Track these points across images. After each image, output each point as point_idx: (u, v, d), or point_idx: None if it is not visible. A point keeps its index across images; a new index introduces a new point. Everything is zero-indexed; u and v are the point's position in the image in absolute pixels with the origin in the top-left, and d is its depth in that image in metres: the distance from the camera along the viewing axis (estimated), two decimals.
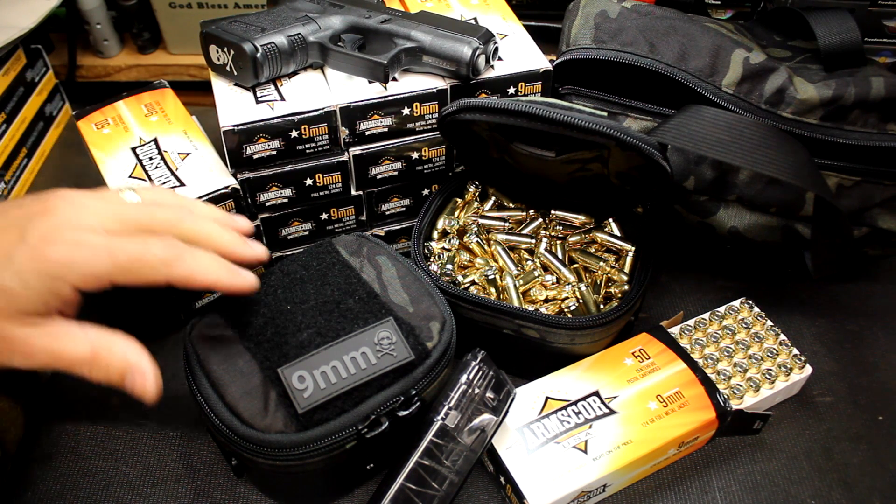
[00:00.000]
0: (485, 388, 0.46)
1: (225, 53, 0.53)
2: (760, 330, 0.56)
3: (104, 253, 0.37)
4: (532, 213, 0.60)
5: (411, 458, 0.44)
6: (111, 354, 0.38)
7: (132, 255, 0.37)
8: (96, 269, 0.37)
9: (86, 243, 0.37)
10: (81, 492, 0.49)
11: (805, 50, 0.61)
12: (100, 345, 0.38)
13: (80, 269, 0.36)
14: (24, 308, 0.36)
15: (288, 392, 0.41)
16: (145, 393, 0.39)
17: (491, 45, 0.54)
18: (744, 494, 0.50)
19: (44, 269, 0.36)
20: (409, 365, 0.43)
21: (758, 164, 0.49)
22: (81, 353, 0.38)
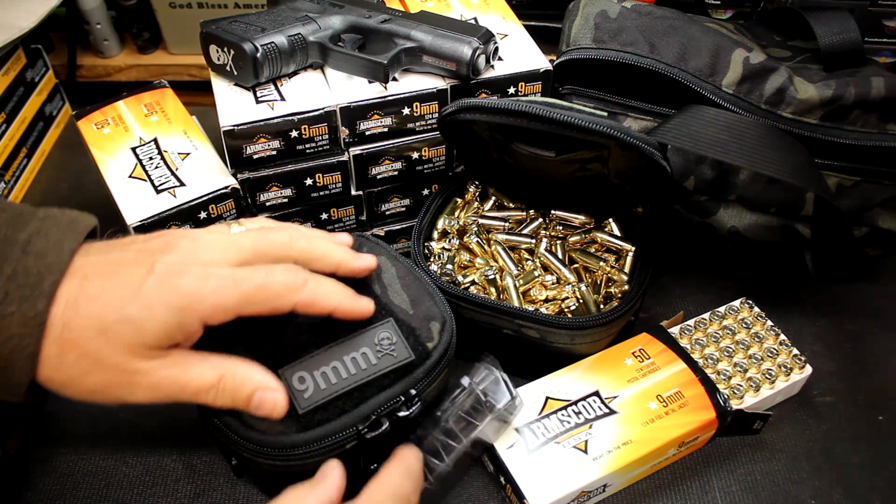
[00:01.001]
0: (490, 392, 0.46)
1: (225, 53, 0.53)
2: (760, 330, 0.56)
3: (231, 284, 0.37)
4: (532, 213, 0.60)
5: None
6: (236, 378, 0.39)
7: (258, 284, 0.38)
8: (224, 300, 0.37)
9: (213, 275, 0.37)
10: (81, 492, 0.49)
11: (805, 50, 0.61)
12: (225, 370, 0.39)
13: (209, 301, 0.36)
14: (150, 342, 0.36)
15: (289, 393, 0.41)
16: (276, 409, 0.39)
17: (491, 44, 0.54)
18: (744, 494, 0.50)
19: (173, 301, 0.36)
20: (410, 365, 0.43)
21: (758, 164, 0.49)
22: (208, 381, 0.38)
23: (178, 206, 0.51)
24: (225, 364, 0.39)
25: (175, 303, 0.36)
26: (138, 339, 0.36)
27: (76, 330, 0.35)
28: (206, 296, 0.36)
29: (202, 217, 0.52)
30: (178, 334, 0.37)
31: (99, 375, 0.36)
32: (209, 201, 0.52)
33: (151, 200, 0.51)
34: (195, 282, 0.36)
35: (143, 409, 0.54)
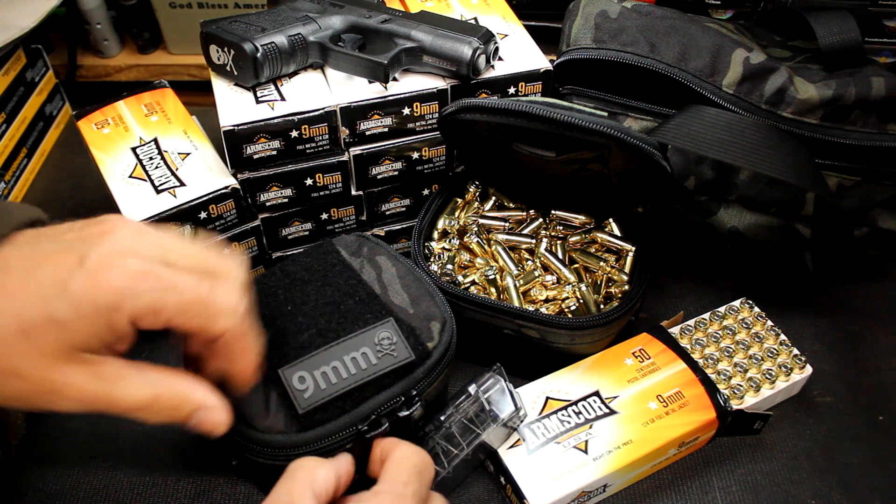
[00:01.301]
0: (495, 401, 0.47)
1: (225, 53, 0.53)
2: (761, 330, 0.56)
3: (169, 287, 0.33)
4: (532, 213, 0.60)
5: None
6: (173, 398, 0.35)
7: (200, 296, 0.33)
8: (158, 303, 0.32)
9: (150, 273, 0.33)
10: (81, 492, 0.49)
11: (805, 50, 0.61)
12: (161, 388, 0.35)
13: (141, 301, 0.32)
14: (75, 343, 0.32)
15: (288, 392, 0.41)
16: (217, 428, 0.36)
17: (491, 44, 0.54)
18: (744, 494, 0.50)
19: (102, 298, 0.31)
20: (410, 365, 0.43)
21: (758, 165, 0.49)
22: (141, 399, 0.34)
23: (178, 206, 0.51)
24: (163, 382, 0.35)
25: (103, 300, 0.31)
26: (64, 342, 0.32)
27: None
28: (140, 294, 0.32)
29: (202, 217, 0.52)
30: (107, 335, 0.32)
31: (19, 383, 0.32)
32: (209, 201, 0.52)
33: (151, 200, 0.51)
34: (128, 277, 0.32)
35: None
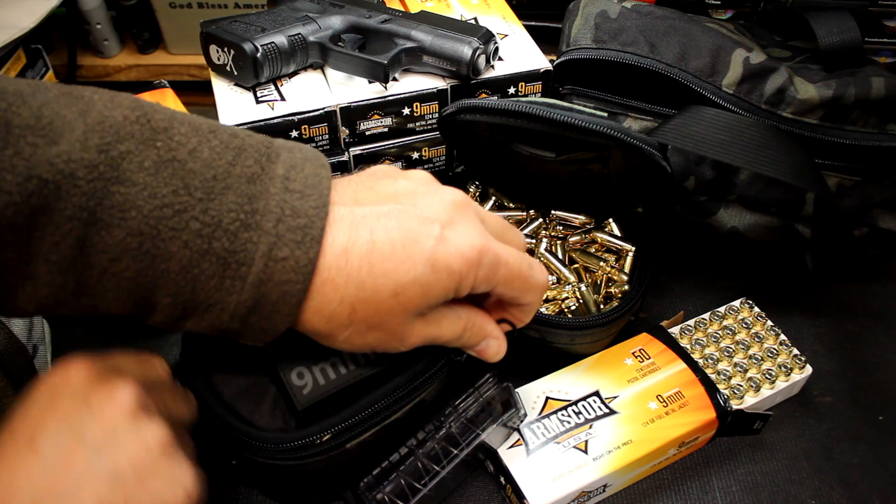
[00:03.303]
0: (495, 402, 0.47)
1: (225, 53, 0.53)
2: (761, 330, 0.56)
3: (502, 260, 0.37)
4: (532, 213, 0.60)
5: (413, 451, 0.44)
6: (475, 329, 0.40)
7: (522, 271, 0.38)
8: (492, 274, 0.37)
9: (489, 247, 0.36)
10: None
11: (805, 50, 0.61)
12: (467, 321, 0.39)
13: (482, 271, 0.36)
14: (430, 302, 0.36)
15: (287, 389, 0.41)
16: (496, 356, 0.42)
17: (491, 44, 0.54)
18: (744, 494, 0.50)
19: (457, 267, 0.35)
20: (410, 359, 0.43)
21: (758, 165, 0.49)
22: (455, 332, 0.39)
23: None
24: (469, 316, 0.39)
25: (457, 269, 0.35)
26: (423, 302, 0.35)
27: (370, 289, 0.34)
28: (482, 266, 0.36)
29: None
30: (450, 297, 0.36)
31: (377, 334, 0.36)
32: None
33: None
34: (476, 250, 0.35)
35: None
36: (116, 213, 0.31)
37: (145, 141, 0.32)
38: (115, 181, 0.31)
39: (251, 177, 0.33)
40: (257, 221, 0.32)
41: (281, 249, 0.33)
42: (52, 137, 0.30)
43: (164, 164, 0.32)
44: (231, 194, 0.32)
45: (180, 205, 0.32)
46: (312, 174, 0.34)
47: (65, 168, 0.30)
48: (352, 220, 0.35)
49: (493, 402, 0.47)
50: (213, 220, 0.32)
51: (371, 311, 0.35)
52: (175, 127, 0.33)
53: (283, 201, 0.33)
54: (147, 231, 0.31)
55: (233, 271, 0.33)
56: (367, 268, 0.34)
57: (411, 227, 0.35)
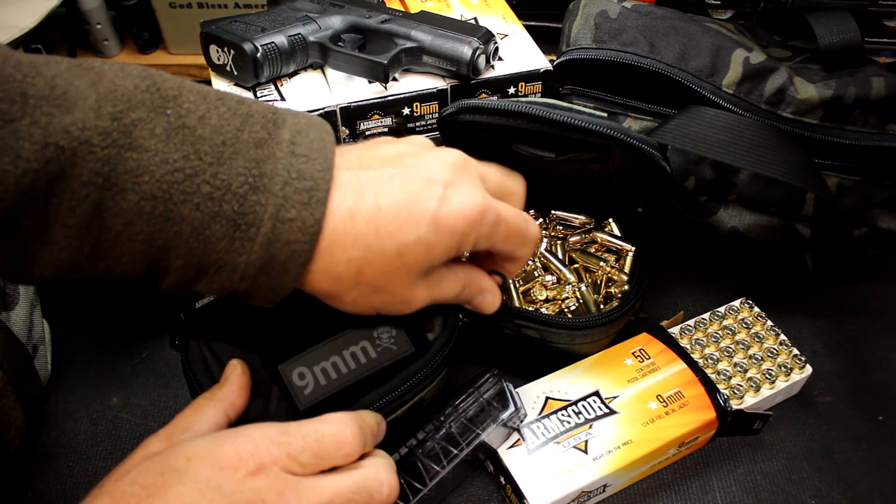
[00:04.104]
0: (495, 401, 0.47)
1: (225, 53, 0.53)
2: (760, 330, 0.56)
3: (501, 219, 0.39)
4: (532, 213, 0.60)
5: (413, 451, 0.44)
6: (472, 286, 0.42)
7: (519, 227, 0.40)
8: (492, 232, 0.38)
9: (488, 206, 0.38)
10: (81, 492, 0.49)
11: (805, 50, 0.61)
12: (466, 280, 0.41)
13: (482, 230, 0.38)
14: (432, 262, 0.37)
15: (288, 389, 0.41)
16: (491, 308, 0.44)
17: (491, 44, 0.54)
18: (744, 494, 0.50)
19: (459, 226, 0.37)
20: (410, 358, 0.43)
21: (758, 165, 0.49)
22: (455, 291, 0.41)
23: None
24: (466, 274, 0.42)
25: (459, 228, 0.36)
26: (426, 262, 0.37)
27: (376, 249, 0.35)
28: (482, 224, 0.37)
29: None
30: (453, 256, 0.38)
31: (384, 295, 0.38)
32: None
33: None
34: (477, 210, 0.37)
35: (142, 409, 0.54)
36: (130, 178, 0.32)
37: (156, 109, 0.33)
38: (128, 147, 0.32)
39: (258, 142, 0.34)
40: (265, 184, 0.33)
41: (288, 211, 0.34)
42: (67, 106, 0.31)
43: (175, 130, 0.33)
44: (240, 159, 0.33)
45: (191, 169, 0.33)
46: (317, 139, 0.36)
47: (80, 135, 0.31)
48: (356, 183, 0.36)
49: (493, 401, 0.47)
50: (224, 183, 0.33)
51: (377, 272, 0.36)
52: (184, 95, 0.34)
53: (289, 165, 0.34)
54: (160, 195, 0.32)
55: (242, 232, 0.34)
56: (372, 230, 0.35)
57: (414, 189, 0.36)
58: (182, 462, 0.32)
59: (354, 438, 0.35)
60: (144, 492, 0.31)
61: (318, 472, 0.34)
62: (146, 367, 0.57)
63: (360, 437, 0.35)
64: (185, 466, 0.31)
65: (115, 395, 0.54)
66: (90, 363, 0.56)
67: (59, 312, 0.58)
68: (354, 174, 0.36)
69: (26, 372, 0.49)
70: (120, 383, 0.55)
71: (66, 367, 0.56)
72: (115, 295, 0.61)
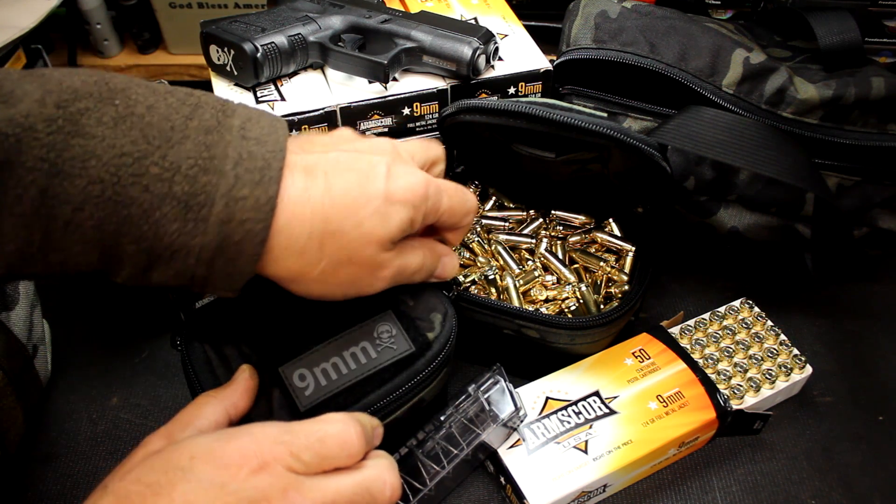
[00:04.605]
0: (495, 401, 0.47)
1: (225, 53, 0.53)
2: (761, 330, 0.56)
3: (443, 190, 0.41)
4: (532, 213, 0.60)
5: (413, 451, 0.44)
6: (432, 254, 0.43)
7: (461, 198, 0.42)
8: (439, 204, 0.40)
9: (430, 181, 0.39)
10: (81, 492, 0.49)
11: (805, 50, 0.61)
12: (425, 250, 0.42)
13: (430, 203, 0.40)
14: (392, 235, 0.38)
15: (289, 391, 0.41)
16: (453, 272, 0.45)
17: (491, 44, 0.54)
18: (744, 494, 0.50)
19: (411, 199, 0.38)
20: (410, 357, 0.43)
21: (758, 165, 0.49)
22: (418, 263, 0.42)
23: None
24: (420, 244, 0.42)
25: (411, 201, 0.38)
26: (385, 234, 0.38)
27: (335, 222, 0.36)
28: (429, 197, 0.39)
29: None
30: (408, 231, 0.39)
31: (350, 269, 0.38)
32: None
33: None
34: (423, 185, 0.39)
35: (143, 409, 0.54)
36: (77, 164, 0.32)
37: (103, 99, 0.33)
38: (75, 134, 0.32)
39: (208, 128, 0.34)
40: (216, 166, 0.34)
41: (240, 190, 0.34)
42: (11, 102, 0.31)
43: (123, 118, 0.33)
44: (189, 143, 0.34)
45: (139, 153, 0.33)
46: (268, 125, 0.36)
47: (24, 122, 0.31)
48: (305, 164, 0.37)
49: (493, 401, 0.47)
50: (173, 165, 0.33)
51: (338, 244, 0.37)
52: (132, 88, 0.34)
53: (240, 147, 0.35)
54: (108, 178, 0.32)
55: (195, 213, 0.34)
56: (328, 203, 0.36)
57: (361, 168, 0.38)
58: (186, 460, 0.32)
59: (358, 439, 0.35)
60: (149, 490, 0.31)
61: (320, 471, 0.34)
62: (146, 367, 0.57)
63: (363, 438, 0.35)
64: (188, 465, 0.31)
65: (115, 395, 0.54)
66: (90, 363, 0.56)
67: (59, 312, 0.58)
68: (302, 157, 0.37)
69: (26, 372, 0.49)
70: (120, 383, 0.55)
71: (66, 367, 0.56)
72: (115, 295, 0.61)
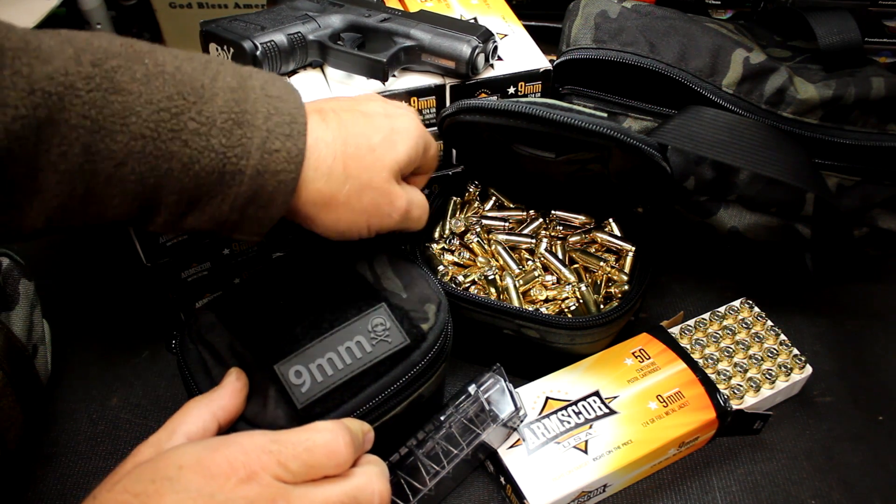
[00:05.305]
0: (495, 401, 0.47)
1: (225, 52, 0.53)
2: (760, 330, 0.55)
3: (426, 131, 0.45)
4: (532, 213, 0.60)
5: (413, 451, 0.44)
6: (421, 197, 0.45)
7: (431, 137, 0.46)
8: (428, 143, 0.45)
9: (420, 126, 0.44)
10: (81, 492, 0.49)
11: (805, 50, 0.61)
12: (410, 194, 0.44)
13: (422, 140, 0.44)
14: (402, 165, 0.42)
15: (286, 388, 0.41)
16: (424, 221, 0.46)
17: (490, 43, 0.54)
18: (744, 494, 0.50)
19: (415, 135, 0.43)
20: (406, 349, 0.43)
21: (758, 165, 0.49)
22: (416, 200, 0.44)
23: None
24: (418, 187, 0.46)
25: (414, 137, 0.43)
26: (394, 160, 0.41)
27: (352, 145, 0.40)
28: (423, 135, 0.44)
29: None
30: (413, 164, 0.43)
31: (371, 192, 0.41)
32: None
33: None
34: (421, 127, 0.44)
35: (143, 409, 0.54)
36: (118, 120, 0.33)
37: (132, 59, 0.34)
38: (113, 91, 0.33)
39: (233, 88, 0.37)
40: (248, 119, 0.36)
41: (273, 143, 0.36)
42: (45, 58, 0.32)
43: (154, 76, 0.35)
44: (219, 99, 0.36)
45: (176, 108, 0.35)
46: (284, 86, 0.39)
47: (64, 80, 0.32)
48: (319, 109, 0.40)
49: (493, 401, 0.47)
50: (209, 119, 0.35)
51: (359, 165, 0.40)
52: (157, 51, 0.36)
53: (266, 103, 0.37)
54: (149, 134, 0.34)
55: (233, 165, 0.36)
56: (344, 131, 0.40)
57: (363, 110, 0.42)
58: (174, 470, 0.32)
59: (346, 447, 0.35)
60: (137, 500, 0.31)
61: (308, 480, 0.34)
62: (146, 367, 0.57)
63: (352, 446, 0.35)
64: (176, 475, 0.31)
65: (115, 395, 0.54)
66: (90, 363, 0.56)
67: (59, 312, 0.58)
68: (314, 105, 0.41)
69: (26, 372, 0.49)
70: (120, 383, 0.55)
71: (66, 367, 0.56)
72: (115, 295, 0.61)
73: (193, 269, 0.54)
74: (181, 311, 0.57)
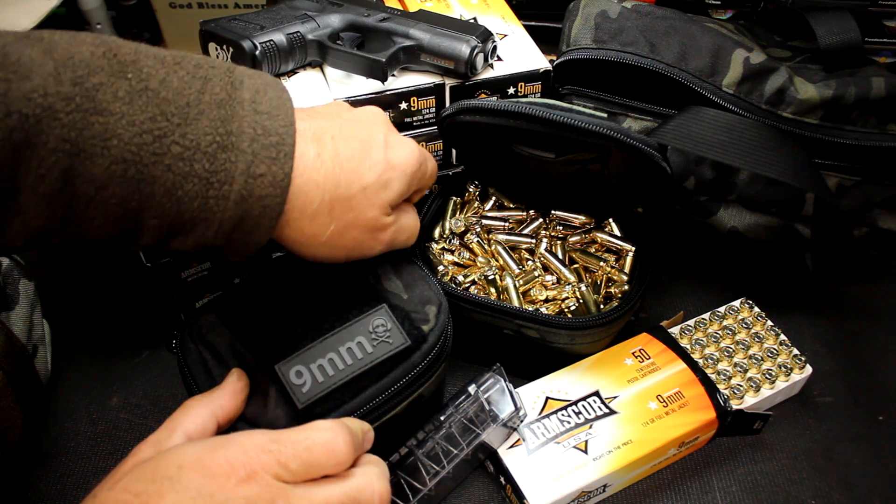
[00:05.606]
0: (495, 401, 0.47)
1: (224, 51, 0.53)
2: (761, 330, 0.55)
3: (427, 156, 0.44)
4: (532, 213, 0.60)
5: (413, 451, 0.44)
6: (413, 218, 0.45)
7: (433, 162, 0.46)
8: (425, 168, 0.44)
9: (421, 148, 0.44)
10: (81, 492, 0.49)
11: (805, 50, 0.61)
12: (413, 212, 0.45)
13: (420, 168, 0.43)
14: (391, 200, 0.41)
15: (286, 388, 0.41)
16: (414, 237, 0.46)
17: (489, 43, 0.54)
18: (744, 494, 0.50)
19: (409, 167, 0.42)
20: (406, 350, 0.43)
21: (757, 166, 0.49)
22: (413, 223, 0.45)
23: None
24: (412, 208, 0.46)
25: (409, 169, 0.41)
26: (387, 198, 0.41)
27: (343, 185, 0.39)
28: (420, 163, 0.43)
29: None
30: (407, 194, 0.43)
31: (355, 231, 0.40)
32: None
33: None
34: (417, 153, 0.42)
35: (143, 409, 0.54)
36: (98, 143, 0.32)
37: (115, 73, 0.33)
38: (94, 111, 0.32)
39: (220, 102, 0.35)
40: (233, 142, 0.35)
41: (258, 167, 0.35)
42: (23, 73, 0.30)
43: (138, 93, 0.33)
44: (204, 119, 0.34)
45: (159, 130, 0.33)
46: (276, 97, 0.37)
47: (43, 102, 0.30)
48: (314, 132, 0.39)
49: (493, 401, 0.47)
50: (192, 143, 0.34)
51: (346, 207, 0.39)
52: (142, 59, 0.34)
53: (254, 122, 0.35)
54: (130, 158, 0.33)
55: (216, 190, 0.35)
56: (338, 168, 0.38)
57: (362, 136, 0.40)
58: (174, 470, 0.32)
59: (346, 446, 0.35)
60: (137, 500, 0.31)
61: (308, 480, 0.34)
62: (146, 367, 0.57)
63: (352, 445, 0.35)
64: (176, 474, 0.31)
65: (115, 395, 0.54)
66: (90, 363, 0.56)
67: (59, 312, 0.58)
68: (309, 123, 0.39)
69: (26, 372, 0.49)
70: (120, 383, 0.55)
71: (66, 367, 0.56)
72: (115, 295, 0.61)
73: (193, 270, 0.54)
74: (181, 311, 0.57)
